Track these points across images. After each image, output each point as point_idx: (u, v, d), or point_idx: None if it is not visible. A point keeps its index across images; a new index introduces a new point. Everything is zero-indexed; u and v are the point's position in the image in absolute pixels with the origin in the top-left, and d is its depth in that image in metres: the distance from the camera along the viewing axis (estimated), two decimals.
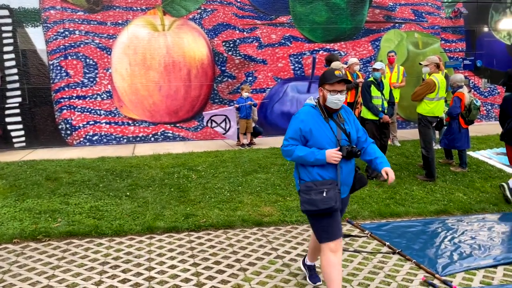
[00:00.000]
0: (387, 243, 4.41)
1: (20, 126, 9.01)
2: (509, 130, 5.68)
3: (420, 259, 4.05)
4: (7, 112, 8.91)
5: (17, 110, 8.97)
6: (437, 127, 7.01)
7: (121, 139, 9.47)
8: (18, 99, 8.95)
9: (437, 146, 7.87)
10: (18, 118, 8.99)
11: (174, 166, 6.93)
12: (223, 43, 9.82)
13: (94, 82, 9.30)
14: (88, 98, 9.30)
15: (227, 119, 8.52)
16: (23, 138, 9.04)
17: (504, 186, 5.77)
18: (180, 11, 9.57)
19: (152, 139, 9.60)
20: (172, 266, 3.94)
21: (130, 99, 9.46)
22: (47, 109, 9.11)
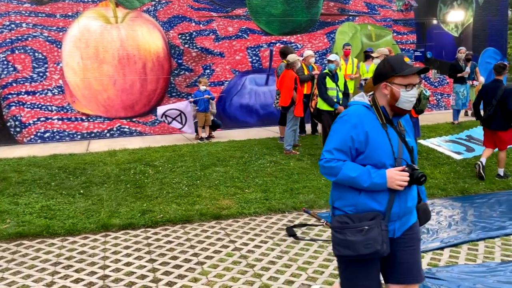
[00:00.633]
0: None
1: None
2: (490, 116, 6.33)
3: None
4: None
5: None
6: None
7: (74, 136, 9.16)
8: None
9: None
10: None
11: (130, 162, 6.80)
12: (179, 36, 9.68)
13: (44, 77, 8.92)
14: (38, 94, 8.92)
15: (182, 114, 8.43)
16: None
17: (479, 165, 6.39)
18: (133, 3, 9.32)
19: (107, 135, 9.35)
20: (127, 264, 3.88)
21: (83, 94, 9.16)
22: None
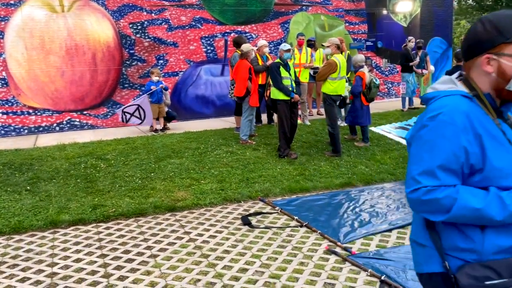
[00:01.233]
0: (296, 217, 4.62)
1: None
2: None
3: (324, 230, 4.30)
4: None
5: None
6: (340, 105, 7.41)
7: (21, 130, 8.74)
8: None
9: (342, 123, 8.34)
10: None
11: (80, 156, 6.58)
12: (130, 25, 9.41)
13: None
14: None
15: (140, 108, 8.22)
16: None
17: None
18: None
19: (56, 129, 8.99)
20: (77, 260, 3.77)
21: (29, 86, 8.74)
22: None
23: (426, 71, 10.62)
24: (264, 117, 9.17)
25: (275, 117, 8.08)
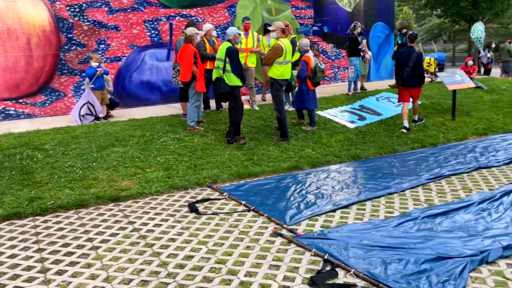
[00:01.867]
0: (243, 202, 4.62)
1: None
2: (407, 76, 7.60)
3: (271, 213, 4.33)
4: None
5: None
6: (287, 90, 7.44)
7: None
8: None
9: (290, 108, 8.40)
10: None
11: (16, 147, 6.18)
12: (67, 8, 8.88)
13: None
14: None
15: (89, 103, 7.82)
16: None
17: (405, 127, 7.68)
18: None
19: None
20: (12, 256, 3.55)
21: None
22: None
23: (367, 56, 10.88)
24: (212, 102, 9.04)
25: (226, 104, 7.91)
